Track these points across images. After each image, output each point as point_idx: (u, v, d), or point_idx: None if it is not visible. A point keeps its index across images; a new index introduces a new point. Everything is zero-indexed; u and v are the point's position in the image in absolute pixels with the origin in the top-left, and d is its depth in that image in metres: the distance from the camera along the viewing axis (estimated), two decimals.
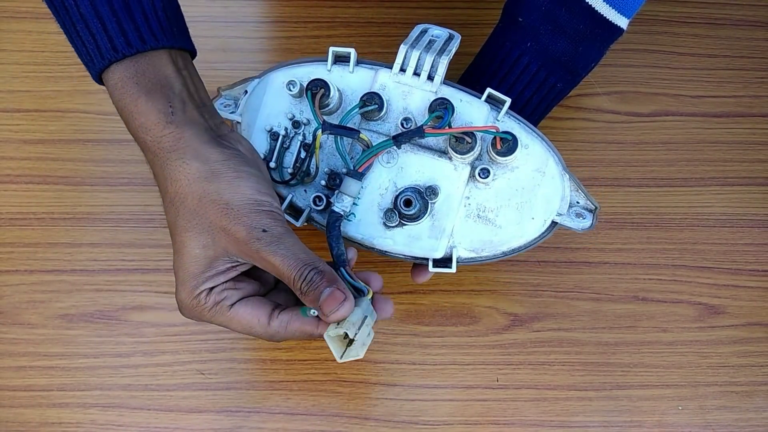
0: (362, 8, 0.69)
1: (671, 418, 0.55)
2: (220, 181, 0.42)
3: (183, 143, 0.42)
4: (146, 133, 0.43)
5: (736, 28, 0.69)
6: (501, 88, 0.55)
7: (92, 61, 0.43)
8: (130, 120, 0.43)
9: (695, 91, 0.67)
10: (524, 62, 0.54)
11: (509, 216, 0.50)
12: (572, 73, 0.55)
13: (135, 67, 0.43)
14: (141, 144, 0.43)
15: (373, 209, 0.49)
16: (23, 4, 0.68)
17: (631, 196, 0.62)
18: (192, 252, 0.42)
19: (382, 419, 0.55)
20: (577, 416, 0.55)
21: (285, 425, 0.54)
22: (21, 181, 0.61)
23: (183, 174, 0.42)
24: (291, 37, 0.67)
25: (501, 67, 0.55)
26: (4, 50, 0.66)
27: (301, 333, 0.44)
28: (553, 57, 0.54)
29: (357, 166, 0.47)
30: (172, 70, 0.44)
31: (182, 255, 0.42)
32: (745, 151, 0.65)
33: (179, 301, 0.44)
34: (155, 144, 0.42)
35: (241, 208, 0.42)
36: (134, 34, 0.43)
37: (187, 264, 0.42)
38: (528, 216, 0.49)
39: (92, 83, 0.62)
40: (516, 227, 0.50)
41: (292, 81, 0.50)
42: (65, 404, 0.54)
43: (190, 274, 0.42)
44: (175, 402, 0.55)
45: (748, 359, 0.57)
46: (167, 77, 0.44)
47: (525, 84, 0.55)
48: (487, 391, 0.56)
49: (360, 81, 0.51)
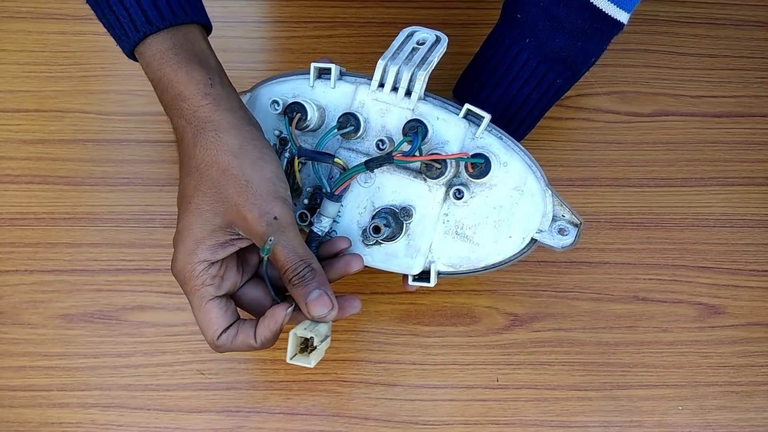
0: (362, 8, 0.69)
1: (671, 418, 0.55)
2: (245, 158, 0.44)
3: (218, 116, 0.45)
4: (184, 101, 0.45)
5: (736, 28, 0.69)
6: (500, 84, 0.55)
7: (126, 35, 0.45)
8: (167, 89, 0.45)
9: (695, 91, 0.67)
10: (523, 58, 0.54)
11: (487, 233, 0.50)
12: (572, 69, 0.55)
13: (172, 39, 0.45)
14: (176, 112, 0.45)
15: (352, 227, 0.50)
16: (23, 4, 0.68)
17: (631, 196, 0.62)
18: (203, 215, 0.44)
19: (382, 419, 0.55)
20: (577, 416, 0.55)
21: (285, 425, 0.54)
22: (21, 181, 0.61)
23: (213, 144, 0.44)
24: (291, 37, 0.67)
25: (500, 64, 0.55)
26: (4, 50, 0.66)
27: (244, 345, 0.46)
28: (552, 53, 0.54)
29: (333, 189, 0.48)
30: (206, 45, 0.47)
31: (192, 217, 0.44)
32: (745, 151, 0.65)
33: (174, 257, 0.45)
34: (191, 113, 0.45)
35: (259, 188, 0.44)
36: (167, 8, 0.45)
37: (194, 225, 0.44)
38: (505, 234, 0.49)
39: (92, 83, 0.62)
40: (494, 245, 0.50)
41: (275, 100, 0.50)
42: (65, 404, 0.54)
43: (195, 236, 0.44)
44: (175, 402, 0.55)
45: (748, 359, 0.57)
46: (203, 51, 0.46)
47: (524, 80, 0.55)
48: (487, 391, 0.56)
49: (342, 97, 0.51)
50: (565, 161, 0.63)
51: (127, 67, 0.66)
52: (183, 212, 0.45)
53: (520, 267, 0.60)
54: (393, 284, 0.59)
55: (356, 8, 0.69)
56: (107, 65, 0.66)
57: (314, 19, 0.68)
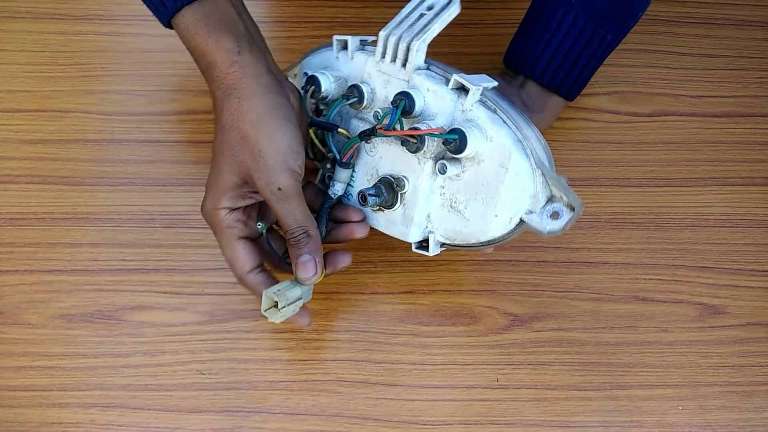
0: (362, 8, 0.69)
1: (671, 418, 0.55)
2: (261, 128, 0.47)
3: (244, 83, 0.48)
4: (214, 69, 0.48)
5: (736, 28, 0.69)
6: (550, 46, 0.56)
7: (164, 7, 0.48)
8: (200, 58, 0.48)
9: (695, 91, 0.67)
10: (571, 18, 0.55)
11: (477, 210, 0.49)
12: (621, 24, 0.56)
13: (202, 10, 0.48)
14: (209, 78, 0.49)
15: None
16: (23, 4, 0.68)
17: (631, 196, 0.62)
18: (224, 173, 0.49)
19: (382, 419, 0.55)
20: (577, 416, 0.55)
21: (285, 425, 0.54)
22: (21, 181, 0.61)
23: (236, 111, 0.48)
24: (291, 37, 0.67)
25: (548, 26, 0.56)
26: (4, 50, 0.66)
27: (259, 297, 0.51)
28: (599, 9, 0.54)
29: (341, 156, 0.51)
30: (234, 12, 0.49)
31: (215, 171, 0.49)
32: (745, 151, 0.65)
33: (204, 205, 0.50)
34: (221, 80, 0.48)
35: (269, 159, 0.47)
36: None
37: (218, 180, 0.49)
38: (492, 212, 0.48)
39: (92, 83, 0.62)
40: (482, 222, 0.49)
41: (305, 72, 0.54)
42: (65, 404, 0.54)
43: (219, 189, 0.49)
44: (175, 402, 0.55)
45: (748, 359, 0.57)
46: (232, 19, 0.48)
47: (574, 39, 0.56)
48: (487, 391, 0.56)
49: (358, 67, 0.52)
50: (565, 161, 0.63)
51: (127, 67, 0.66)
52: (212, 164, 0.50)
53: (520, 267, 0.60)
54: (393, 284, 0.59)
55: (356, 8, 0.69)
56: (107, 65, 0.66)
57: (314, 19, 0.68)
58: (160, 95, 0.65)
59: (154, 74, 0.66)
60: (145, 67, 0.66)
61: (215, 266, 0.59)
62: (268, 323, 0.57)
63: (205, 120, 0.63)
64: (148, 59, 0.66)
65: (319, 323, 0.57)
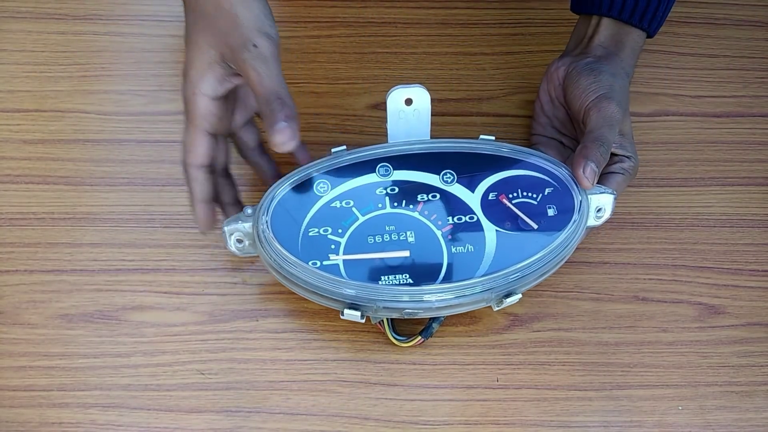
0: (362, 8, 0.69)
1: (671, 418, 0.55)
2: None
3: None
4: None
5: (736, 28, 0.69)
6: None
7: None
8: None
9: (695, 91, 0.67)
10: None
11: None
12: None
13: None
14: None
15: None
16: (23, 4, 0.68)
17: (631, 196, 0.62)
18: (201, 48, 0.49)
19: (382, 419, 0.55)
20: (577, 416, 0.55)
21: (285, 425, 0.54)
22: (21, 181, 0.61)
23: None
24: (291, 37, 0.67)
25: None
26: (4, 50, 0.66)
27: (190, 194, 0.53)
28: None
29: None
30: None
31: (192, 51, 0.50)
32: (745, 151, 0.65)
33: (184, 87, 0.51)
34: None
35: (246, 21, 0.48)
36: None
37: (196, 58, 0.50)
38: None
39: (92, 83, 0.62)
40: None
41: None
42: (65, 404, 0.54)
43: (199, 68, 0.50)
44: (175, 402, 0.55)
45: (748, 359, 0.57)
46: None
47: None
48: (487, 391, 0.56)
49: None
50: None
51: (127, 67, 0.66)
52: (186, 48, 0.51)
53: None
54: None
55: (356, 8, 0.69)
56: (107, 65, 0.66)
57: (314, 19, 0.68)
58: (160, 95, 0.65)
59: (154, 74, 0.66)
60: (145, 67, 0.66)
61: (215, 266, 0.59)
62: (268, 323, 0.57)
63: None
64: (148, 59, 0.66)
65: (319, 323, 0.57)
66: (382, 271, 0.50)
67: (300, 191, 0.52)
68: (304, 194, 0.52)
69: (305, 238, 0.51)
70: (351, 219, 0.52)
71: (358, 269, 0.50)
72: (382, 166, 0.53)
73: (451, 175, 0.53)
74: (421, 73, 0.67)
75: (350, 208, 0.52)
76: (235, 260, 0.59)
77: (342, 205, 0.52)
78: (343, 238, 0.51)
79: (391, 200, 0.52)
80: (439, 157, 0.54)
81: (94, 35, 0.67)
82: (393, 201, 0.52)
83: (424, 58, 0.68)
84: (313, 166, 0.53)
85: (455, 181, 0.53)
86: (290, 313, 0.57)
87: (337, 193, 0.52)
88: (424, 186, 0.53)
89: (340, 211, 0.52)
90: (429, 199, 0.53)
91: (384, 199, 0.53)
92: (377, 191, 0.53)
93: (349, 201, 0.52)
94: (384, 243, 0.51)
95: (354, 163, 0.53)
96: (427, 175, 0.53)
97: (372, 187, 0.53)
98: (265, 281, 0.58)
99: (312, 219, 0.51)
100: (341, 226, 0.51)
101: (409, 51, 0.68)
